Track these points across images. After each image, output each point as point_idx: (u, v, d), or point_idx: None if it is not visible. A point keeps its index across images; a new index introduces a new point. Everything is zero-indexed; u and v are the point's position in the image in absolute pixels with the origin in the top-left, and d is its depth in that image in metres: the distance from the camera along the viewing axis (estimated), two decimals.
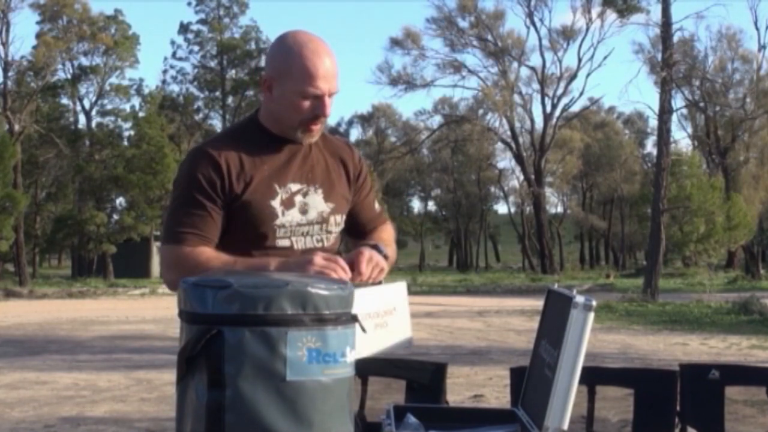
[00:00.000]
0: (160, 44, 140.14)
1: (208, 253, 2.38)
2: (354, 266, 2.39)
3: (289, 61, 2.42)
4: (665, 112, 27.61)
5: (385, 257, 2.51)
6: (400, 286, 2.61)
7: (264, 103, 2.55)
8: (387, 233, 2.77)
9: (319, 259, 2.29)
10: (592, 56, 61.42)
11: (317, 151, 2.59)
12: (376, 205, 2.80)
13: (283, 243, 2.49)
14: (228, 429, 1.72)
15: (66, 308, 24.98)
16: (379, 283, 2.46)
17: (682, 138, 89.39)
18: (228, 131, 2.72)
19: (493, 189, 74.53)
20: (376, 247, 2.49)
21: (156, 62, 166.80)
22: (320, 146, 2.61)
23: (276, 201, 2.47)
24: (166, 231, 2.45)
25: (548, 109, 56.38)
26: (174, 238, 2.42)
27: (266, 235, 2.47)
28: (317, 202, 2.54)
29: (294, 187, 2.51)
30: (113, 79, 55.96)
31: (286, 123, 2.49)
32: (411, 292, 2.70)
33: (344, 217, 2.63)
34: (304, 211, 2.52)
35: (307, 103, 2.43)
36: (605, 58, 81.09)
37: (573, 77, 56.07)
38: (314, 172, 2.56)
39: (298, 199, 2.51)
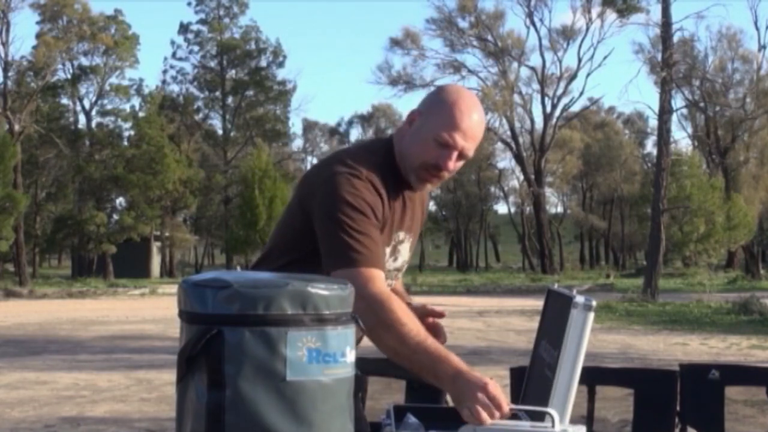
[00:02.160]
0: (160, 44, 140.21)
1: (400, 308, 2.23)
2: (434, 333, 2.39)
3: (442, 103, 2.39)
4: (665, 112, 27.62)
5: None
6: None
7: (401, 134, 2.46)
8: (400, 283, 2.74)
9: (492, 389, 2.13)
10: (592, 56, 61.47)
11: (414, 201, 2.56)
12: None
13: None
14: (228, 429, 1.72)
15: (66, 308, 24.98)
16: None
17: (682, 138, 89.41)
18: (372, 159, 2.43)
19: (493, 189, 74.60)
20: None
21: (156, 62, 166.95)
22: (415, 194, 2.56)
23: (389, 248, 2.44)
24: (339, 252, 2.26)
25: (548, 109, 56.46)
26: (358, 260, 2.24)
27: None
28: (405, 252, 2.53)
29: (401, 235, 2.49)
30: (113, 79, 56.05)
31: (408, 160, 2.41)
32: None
33: None
34: (395, 258, 2.50)
35: (435, 149, 2.36)
36: (605, 58, 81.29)
37: (573, 77, 56.12)
38: (412, 223, 2.54)
39: (398, 247, 2.50)
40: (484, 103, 58.05)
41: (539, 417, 2.18)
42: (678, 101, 47.66)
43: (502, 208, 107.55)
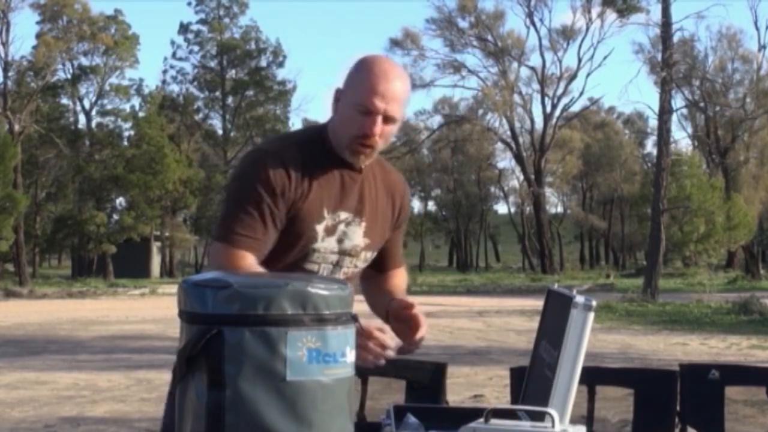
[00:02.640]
0: (160, 44, 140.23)
1: (253, 266, 2.29)
2: (410, 325, 2.44)
3: (357, 74, 2.40)
4: (665, 112, 27.62)
5: None
6: None
7: (331, 117, 2.49)
8: (401, 280, 2.69)
9: (374, 331, 2.21)
10: (592, 56, 61.32)
11: (373, 183, 2.54)
12: (401, 248, 2.74)
13: (310, 267, 2.43)
14: (228, 429, 1.72)
15: (66, 308, 24.98)
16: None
17: (682, 138, 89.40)
18: (294, 137, 2.63)
19: (493, 189, 74.57)
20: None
21: (156, 62, 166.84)
22: (378, 178, 2.56)
23: (321, 226, 2.41)
24: (222, 229, 2.34)
25: (548, 109, 56.45)
26: (223, 235, 2.33)
27: (300, 257, 2.41)
28: (356, 235, 2.48)
29: (342, 215, 2.45)
30: (113, 79, 56.05)
31: (339, 138, 2.43)
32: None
33: (375, 253, 2.57)
34: (340, 240, 2.45)
35: (359, 118, 2.37)
36: (605, 58, 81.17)
37: (573, 77, 56.11)
38: (363, 204, 2.49)
39: (341, 228, 2.45)
40: (485, 103, 58.12)
41: (539, 417, 2.18)
42: (678, 101, 47.71)
43: (502, 208, 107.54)
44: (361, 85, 2.37)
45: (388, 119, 2.38)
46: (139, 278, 45.92)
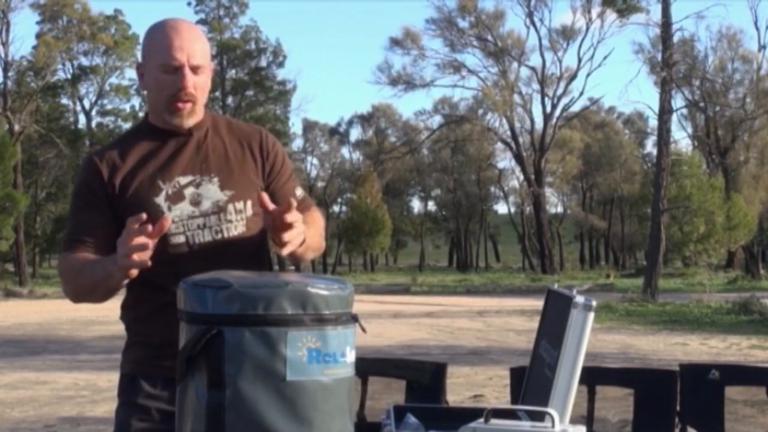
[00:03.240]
0: None
1: (76, 259, 2.33)
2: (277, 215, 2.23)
3: (149, 41, 2.41)
4: (665, 112, 27.62)
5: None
6: None
7: (146, 94, 2.49)
8: (312, 218, 2.52)
9: (120, 238, 2.10)
10: (592, 56, 61.33)
11: (216, 139, 2.48)
12: (298, 192, 2.58)
13: (177, 240, 2.36)
14: (228, 429, 1.72)
15: (66, 308, 24.94)
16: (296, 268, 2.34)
17: (682, 138, 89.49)
18: (120, 135, 2.67)
19: (493, 189, 74.56)
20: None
21: None
22: (222, 133, 2.50)
23: (160, 197, 2.37)
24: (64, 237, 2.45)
25: (548, 109, 56.45)
26: (62, 246, 2.41)
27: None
28: (212, 192, 2.41)
29: (183, 180, 2.40)
30: (113, 79, 56.10)
31: (157, 107, 2.41)
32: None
33: (252, 202, 2.44)
34: (196, 202, 2.39)
35: (167, 78, 2.35)
36: (605, 58, 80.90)
37: (573, 77, 56.12)
38: (208, 162, 2.43)
39: (189, 191, 2.39)
40: (485, 103, 58.12)
41: (539, 417, 2.18)
42: (678, 101, 47.69)
43: (502, 208, 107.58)
44: (156, 48, 2.36)
45: (195, 69, 2.36)
46: None
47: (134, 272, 2.10)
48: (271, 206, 2.25)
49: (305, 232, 2.32)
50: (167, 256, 2.32)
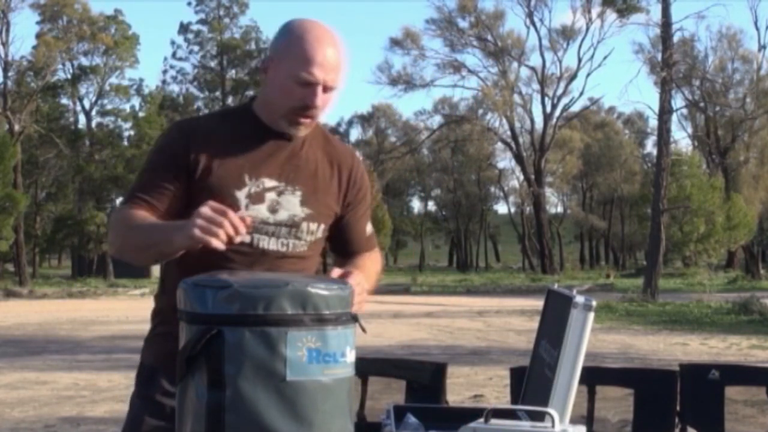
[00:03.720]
0: (160, 44, 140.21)
1: (135, 215, 2.25)
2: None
3: (289, 43, 2.30)
4: (665, 112, 27.62)
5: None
6: None
7: (261, 88, 2.43)
8: (371, 262, 2.50)
9: (205, 210, 2.05)
10: (592, 56, 61.44)
11: (311, 152, 2.41)
12: (368, 228, 2.56)
13: (241, 238, 2.22)
14: (228, 429, 1.72)
15: (66, 308, 24.98)
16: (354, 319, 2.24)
17: (682, 138, 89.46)
18: (219, 110, 2.58)
19: (493, 189, 74.59)
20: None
21: (156, 62, 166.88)
22: (317, 147, 2.43)
23: (242, 192, 2.30)
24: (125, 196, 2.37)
25: (548, 109, 56.47)
26: (124, 199, 2.35)
27: None
28: (291, 204, 2.34)
29: (268, 182, 2.33)
30: (113, 79, 56.05)
31: (274, 109, 2.34)
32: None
33: (324, 227, 2.41)
34: (273, 210, 2.33)
35: (298, 90, 2.27)
36: (605, 58, 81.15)
37: (573, 77, 56.13)
38: (298, 173, 2.37)
39: (271, 196, 2.33)
40: (485, 103, 58.12)
41: (539, 417, 2.18)
42: (678, 101, 47.69)
43: (502, 208, 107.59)
44: (294, 55, 2.28)
45: (328, 88, 2.30)
46: (139, 278, 45.89)
47: (199, 244, 2.05)
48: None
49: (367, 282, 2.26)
50: (226, 250, 2.23)
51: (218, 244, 2.03)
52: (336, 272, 2.17)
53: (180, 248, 2.13)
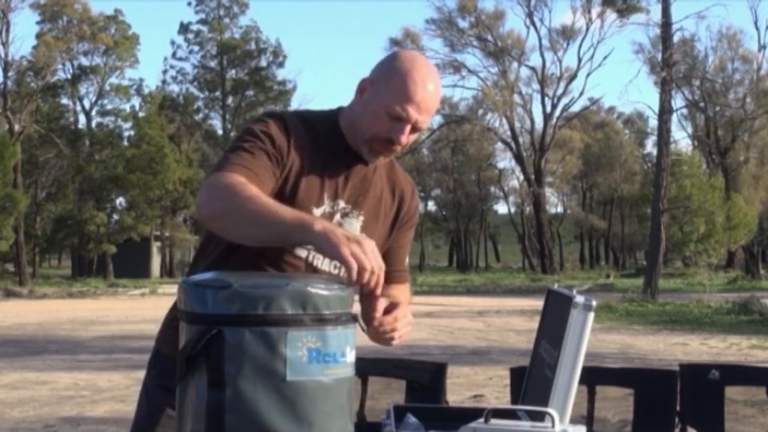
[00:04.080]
0: (160, 44, 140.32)
1: (249, 184, 2.08)
2: (389, 310, 2.24)
3: (395, 72, 2.26)
4: (665, 112, 27.63)
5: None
6: None
7: (350, 104, 2.37)
8: (405, 295, 2.50)
9: (367, 245, 1.92)
10: (592, 56, 61.60)
11: (377, 179, 2.41)
12: (406, 259, 2.59)
13: (300, 252, 2.27)
14: (228, 429, 1.72)
15: (66, 308, 24.98)
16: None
17: (682, 138, 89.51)
18: (310, 115, 2.45)
19: (493, 189, 74.62)
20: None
21: (156, 62, 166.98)
22: (384, 174, 2.44)
23: (319, 210, 2.28)
24: (218, 163, 2.19)
25: (548, 109, 56.48)
26: (222, 167, 2.15)
27: None
28: (353, 229, 2.33)
29: (341, 204, 2.33)
30: (113, 79, 56.11)
31: (359, 131, 2.30)
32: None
33: None
34: None
35: (388, 122, 2.25)
36: (605, 58, 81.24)
37: (573, 77, 56.15)
38: (365, 198, 2.37)
39: (337, 217, 2.32)
40: (485, 103, 58.12)
41: (539, 417, 2.18)
42: (678, 101, 47.74)
43: (502, 208, 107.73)
44: (398, 88, 2.24)
45: (415, 129, 2.29)
46: (139, 278, 45.94)
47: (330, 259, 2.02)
48: (378, 316, 2.24)
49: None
50: (282, 261, 2.24)
51: (353, 283, 1.89)
52: (382, 304, 2.22)
53: (299, 244, 2.11)
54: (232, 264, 2.19)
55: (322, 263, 2.30)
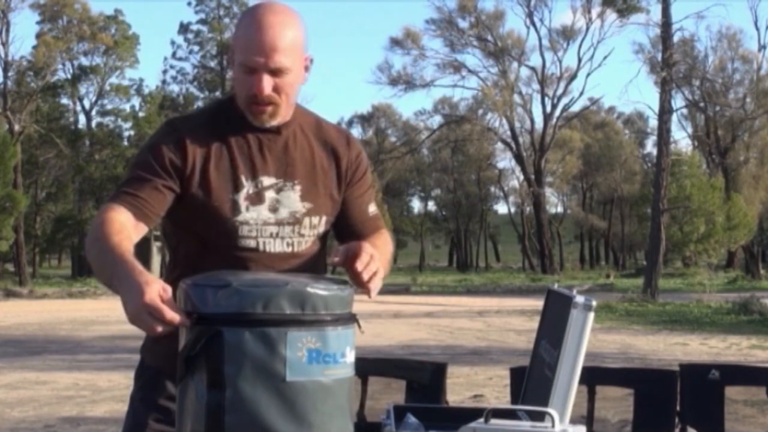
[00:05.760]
0: (160, 44, 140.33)
1: (112, 222, 2.10)
2: (351, 257, 2.07)
3: (236, 31, 2.24)
4: (665, 112, 27.62)
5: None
6: None
7: None
8: (382, 243, 2.35)
9: (152, 293, 1.80)
10: (592, 56, 61.37)
11: (303, 142, 2.32)
12: (372, 208, 2.45)
13: (247, 243, 2.22)
14: (228, 429, 1.72)
15: (66, 308, 24.97)
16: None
17: (682, 138, 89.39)
18: (208, 107, 2.44)
19: (493, 189, 74.55)
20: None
21: (156, 62, 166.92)
22: (311, 135, 2.34)
23: (240, 195, 2.22)
24: (114, 191, 2.23)
25: (548, 109, 56.46)
26: (112, 195, 2.20)
27: (227, 233, 2.22)
28: (291, 201, 2.26)
29: (266, 181, 2.25)
30: (113, 79, 56.04)
31: (240, 102, 2.25)
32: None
33: (326, 219, 2.33)
34: (274, 209, 2.25)
35: (246, 78, 2.18)
36: (605, 58, 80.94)
37: (573, 77, 56.12)
38: (294, 166, 2.28)
39: (270, 194, 2.25)
40: (485, 103, 58.11)
41: (539, 417, 2.18)
42: (678, 101, 47.68)
43: (502, 208, 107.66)
44: (239, 43, 2.20)
45: (276, 72, 2.18)
46: None
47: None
48: (338, 260, 2.11)
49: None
50: (233, 258, 2.21)
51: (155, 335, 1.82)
52: (339, 250, 2.11)
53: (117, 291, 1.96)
54: (193, 265, 2.16)
55: (274, 246, 2.26)
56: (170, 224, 2.30)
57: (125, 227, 2.11)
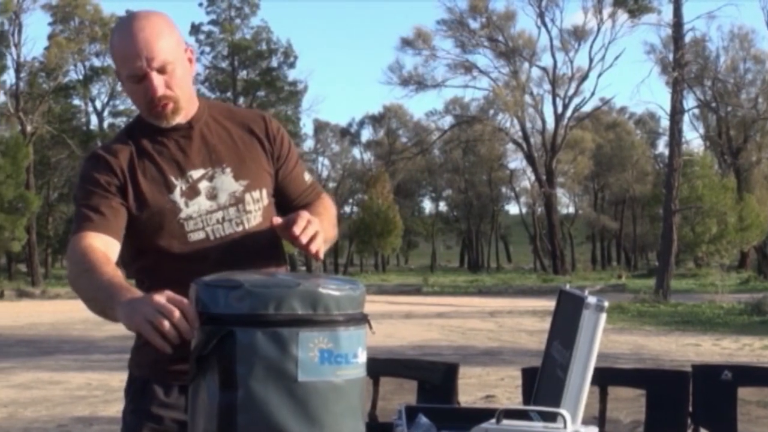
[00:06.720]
0: None
1: (92, 251, 2.17)
2: (290, 226, 2.16)
3: (112, 47, 2.29)
4: (677, 112, 27.55)
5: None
6: None
7: None
8: (323, 207, 2.47)
9: (159, 298, 1.80)
10: (604, 56, 61.14)
11: (219, 128, 2.39)
12: (307, 177, 2.54)
13: (197, 236, 2.29)
14: (240, 430, 1.72)
15: (78, 308, 24.70)
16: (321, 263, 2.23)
17: (693, 138, 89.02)
18: (121, 131, 2.49)
19: (504, 189, 74.50)
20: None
21: None
22: (225, 120, 2.42)
23: (175, 193, 2.30)
24: (74, 224, 2.31)
25: (559, 109, 56.39)
26: (76, 228, 2.26)
27: (175, 233, 2.29)
28: (227, 183, 2.34)
29: (195, 174, 2.33)
30: None
31: (142, 113, 2.33)
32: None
33: (267, 191, 2.41)
34: (212, 196, 2.32)
35: (137, 88, 2.24)
36: (616, 58, 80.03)
37: (584, 77, 56.03)
38: (218, 152, 2.36)
39: (204, 185, 2.32)
40: (496, 103, 58.05)
41: (551, 417, 2.18)
42: (690, 101, 47.45)
43: (513, 209, 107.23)
44: (117, 59, 2.26)
45: (162, 69, 2.23)
46: None
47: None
48: (278, 222, 2.22)
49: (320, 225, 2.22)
50: (188, 253, 2.28)
51: (163, 345, 1.79)
52: (276, 220, 2.22)
53: (117, 319, 1.96)
54: (155, 268, 2.28)
55: (224, 230, 2.33)
56: (122, 243, 2.32)
57: (109, 259, 2.19)
